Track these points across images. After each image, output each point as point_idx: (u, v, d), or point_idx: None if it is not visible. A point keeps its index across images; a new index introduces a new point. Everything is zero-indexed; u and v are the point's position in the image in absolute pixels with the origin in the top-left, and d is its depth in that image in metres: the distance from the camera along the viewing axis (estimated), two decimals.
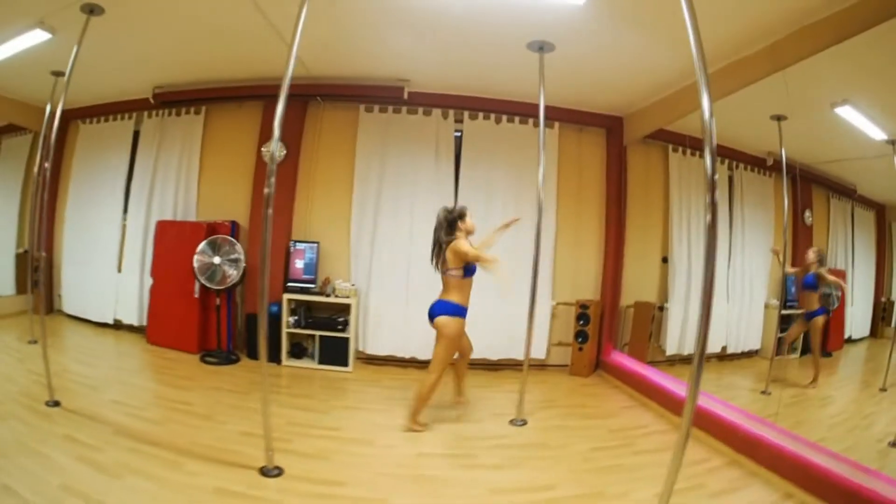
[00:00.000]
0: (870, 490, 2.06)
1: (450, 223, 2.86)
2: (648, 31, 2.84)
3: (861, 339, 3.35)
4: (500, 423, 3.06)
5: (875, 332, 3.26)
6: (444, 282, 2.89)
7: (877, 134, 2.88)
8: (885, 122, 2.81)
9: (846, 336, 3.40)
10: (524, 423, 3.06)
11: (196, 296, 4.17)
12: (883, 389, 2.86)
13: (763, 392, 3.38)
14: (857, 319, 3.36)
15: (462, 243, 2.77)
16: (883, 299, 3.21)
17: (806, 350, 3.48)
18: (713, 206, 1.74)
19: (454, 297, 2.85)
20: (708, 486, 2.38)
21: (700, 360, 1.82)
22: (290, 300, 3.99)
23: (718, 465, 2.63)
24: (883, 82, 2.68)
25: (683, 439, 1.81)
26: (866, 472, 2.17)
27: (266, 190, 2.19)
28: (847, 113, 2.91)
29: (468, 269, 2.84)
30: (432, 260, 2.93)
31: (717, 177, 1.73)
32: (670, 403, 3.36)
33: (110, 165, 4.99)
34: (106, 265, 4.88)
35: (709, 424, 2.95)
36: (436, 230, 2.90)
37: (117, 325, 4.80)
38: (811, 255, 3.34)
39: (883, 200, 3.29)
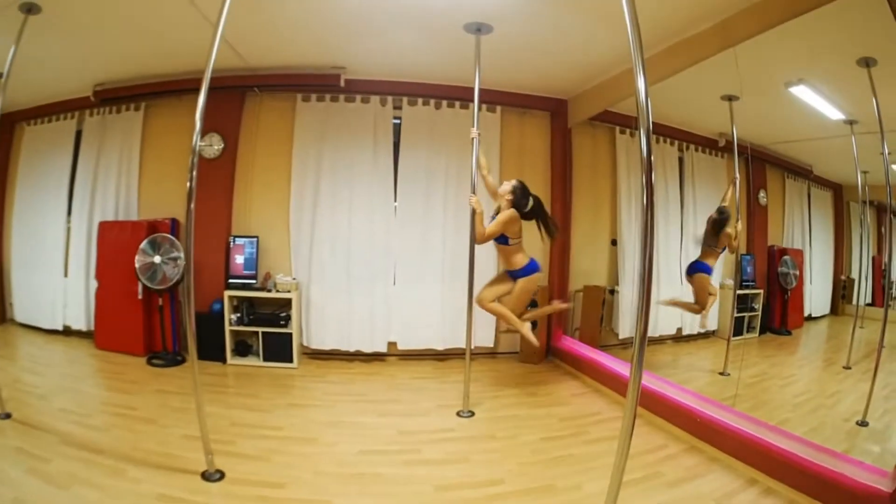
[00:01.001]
0: (837, 473, 1.94)
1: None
2: (590, 10, 2.67)
3: (822, 317, 3.28)
4: (446, 416, 2.91)
5: (836, 309, 3.20)
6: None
7: (833, 114, 2.76)
8: (841, 101, 2.70)
9: (806, 314, 3.32)
10: (471, 414, 2.91)
11: (139, 297, 3.94)
12: (847, 367, 2.77)
13: (721, 373, 3.24)
14: (817, 298, 3.28)
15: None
16: (843, 277, 3.14)
17: (764, 329, 3.39)
18: (649, 188, 1.55)
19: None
20: (665, 475, 2.24)
21: (642, 342, 1.64)
22: (231, 297, 3.77)
23: (676, 451, 2.49)
24: (840, 62, 2.53)
25: (629, 425, 1.66)
26: (832, 454, 2.06)
27: (188, 184, 2.09)
28: (802, 93, 2.78)
29: (499, 239, 2.96)
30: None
31: (653, 157, 1.55)
32: (623, 388, 3.11)
33: (54, 167, 4.71)
34: (52, 270, 4.60)
35: (664, 409, 2.82)
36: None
37: (67, 332, 4.53)
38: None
39: (839, 180, 3.21)
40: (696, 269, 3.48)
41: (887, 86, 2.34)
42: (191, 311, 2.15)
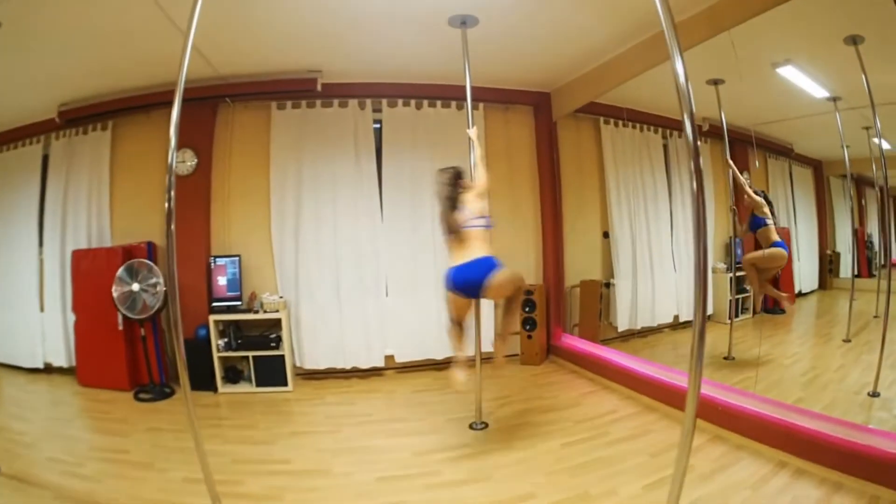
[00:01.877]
0: (864, 446, 1.92)
1: (453, 178, 2.62)
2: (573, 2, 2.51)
3: (811, 293, 3.22)
4: (459, 430, 2.71)
5: (823, 283, 3.15)
6: (468, 238, 2.47)
7: (819, 92, 2.70)
8: (826, 80, 2.65)
9: (796, 290, 3.23)
10: (485, 425, 2.71)
11: (120, 328, 3.63)
12: (847, 340, 2.71)
13: (726, 358, 3.14)
14: (805, 273, 3.21)
15: (479, 179, 2.72)
16: (828, 252, 3.10)
17: (757, 310, 3.25)
18: (698, 174, 1.45)
19: (488, 251, 2.47)
20: (696, 468, 2.10)
21: (700, 342, 1.53)
22: (217, 321, 3.49)
23: (701, 443, 2.36)
24: (826, 40, 2.47)
25: (689, 435, 1.51)
26: (855, 427, 2.02)
27: (166, 204, 1.85)
28: (789, 73, 2.71)
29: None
30: (444, 226, 2.56)
31: (699, 143, 1.46)
32: (634, 382, 3.07)
33: (22, 196, 4.33)
34: (28, 305, 4.25)
35: (680, 401, 2.63)
36: (441, 192, 2.61)
37: (48, 369, 4.19)
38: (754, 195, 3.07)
39: (820, 156, 3.15)
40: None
41: (874, 61, 2.26)
42: (179, 342, 1.87)
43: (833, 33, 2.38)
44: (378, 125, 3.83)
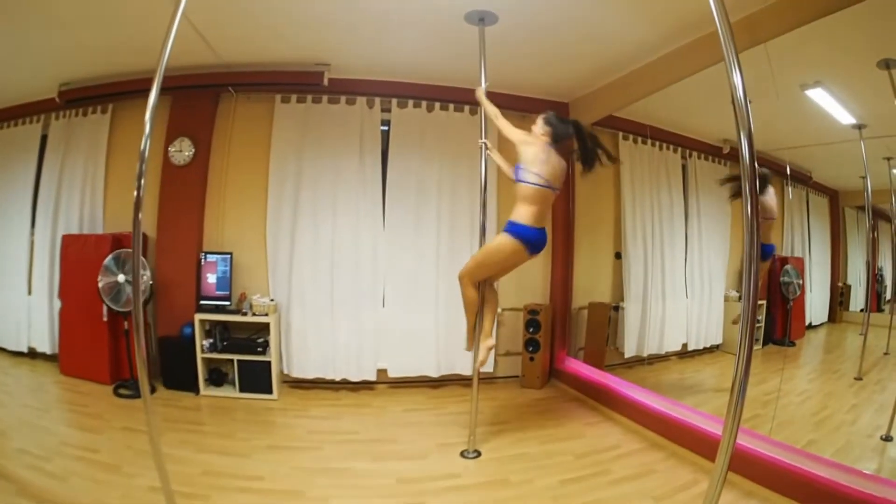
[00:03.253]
0: (880, 498, 1.72)
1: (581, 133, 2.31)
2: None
3: (820, 325, 2.96)
4: (449, 457, 2.43)
5: (833, 317, 2.90)
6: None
7: (845, 118, 2.47)
8: (854, 105, 2.43)
9: (807, 322, 2.97)
10: (477, 454, 2.43)
11: (105, 319, 3.34)
12: (858, 378, 2.49)
13: (732, 386, 2.81)
14: (816, 306, 2.96)
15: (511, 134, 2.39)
16: (840, 284, 2.88)
17: (767, 340, 3.02)
18: (754, 196, 1.24)
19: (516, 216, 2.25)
20: None
21: (740, 394, 1.35)
22: (203, 321, 3.19)
23: (706, 488, 2.02)
24: (858, 64, 2.26)
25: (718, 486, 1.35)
26: (870, 479, 1.83)
27: (134, 193, 1.61)
28: (818, 95, 2.48)
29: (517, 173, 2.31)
30: (547, 170, 2.28)
31: (755, 163, 1.25)
32: (640, 416, 2.78)
33: (18, 175, 4.06)
34: (16, 287, 3.97)
35: (689, 439, 2.45)
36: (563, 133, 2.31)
37: (32, 354, 3.91)
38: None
39: (836, 186, 2.93)
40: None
41: None
42: (140, 341, 1.62)
43: (867, 56, 2.16)
44: (386, 127, 3.51)
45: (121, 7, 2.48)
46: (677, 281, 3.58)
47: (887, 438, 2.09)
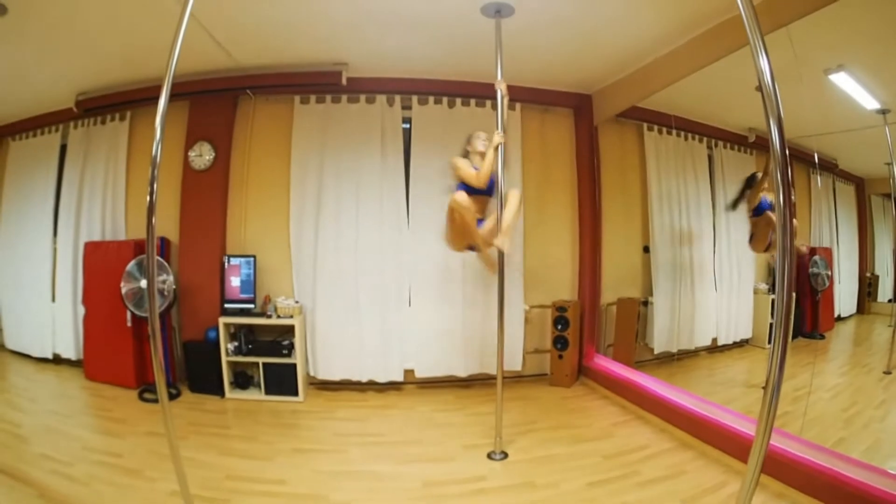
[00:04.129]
0: None
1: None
2: None
3: (849, 317, 2.82)
4: (475, 459, 2.33)
5: (862, 308, 2.77)
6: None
7: (870, 103, 2.35)
8: (877, 89, 2.30)
9: (836, 315, 2.84)
10: (504, 455, 2.33)
11: (129, 325, 3.29)
12: (887, 372, 2.34)
13: (765, 387, 2.69)
14: (844, 297, 2.82)
15: (455, 161, 2.54)
16: (868, 274, 2.75)
17: (797, 333, 2.84)
18: (786, 188, 1.14)
19: None
20: None
21: (773, 399, 1.25)
22: (227, 324, 3.12)
23: (737, 489, 1.91)
24: (882, 46, 2.14)
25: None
26: None
27: (147, 198, 1.56)
28: (842, 80, 2.35)
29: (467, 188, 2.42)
30: None
31: (786, 151, 1.18)
32: (670, 414, 2.66)
33: (39, 183, 4.05)
34: (40, 295, 3.95)
35: (719, 439, 2.33)
36: None
37: (57, 360, 3.88)
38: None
39: (862, 173, 2.78)
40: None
41: None
42: (156, 345, 1.56)
43: (890, 38, 2.05)
44: (407, 124, 3.42)
45: (136, 15, 2.42)
46: (706, 274, 3.43)
47: None
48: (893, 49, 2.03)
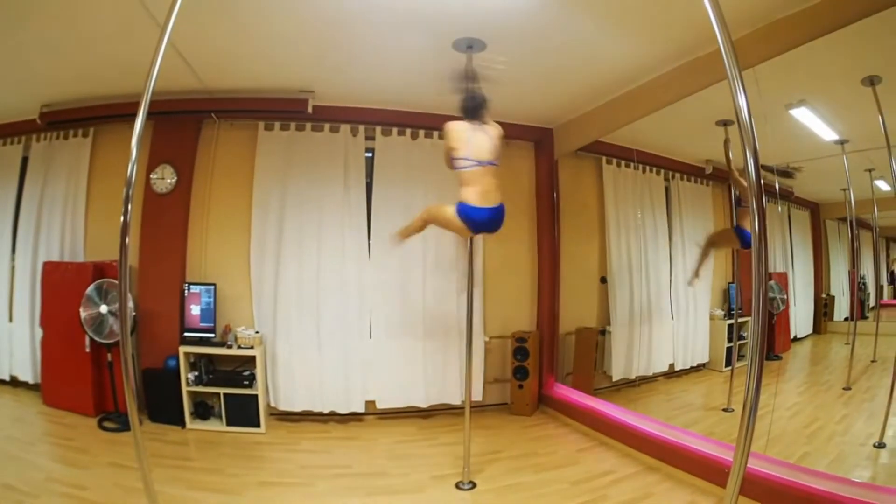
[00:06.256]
0: None
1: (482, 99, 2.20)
2: (601, 20, 2.15)
3: (805, 337, 2.98)
4: (444, 490, 2.30)
5: (818, 328, 2.93)
6: (489, 176, 2.16)
7: (828, 135, 2.51)
8: (837, 122, 2.48)
9: (792, 336, 2.99)
10: (473, 485, 2.31)
11: (87, 350, 3.13)
12: (847, 388, 2.47)
13: (725, 409, 2.87)
14: (801, 318, 2.97)
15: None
16: (823, 295, 2.91)
17: None
18: (761, 215, 1.19)
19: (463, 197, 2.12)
20: None
21: (749, 422, 1.19)
22: (187, 353, 3.01)
23: None
24: (842, 82, 2.27)
25: None
26: (870, 488, 1.78)
27: (122, 218, 1.48)
28: (802, 115, 2.48)
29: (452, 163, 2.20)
30: (465, 146, 2.17)
31: (761, 182, 1.21)
32: (633, 440, 2.69)
33: None
34: None
35: (684, 461, 2.37)
36: (468, 91, 2.21)
37: (14, 383, 3.67)
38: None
39: (817, 199, 2.94)
40: None
41: (892, 102, 2.06)
42: (129, 374, 1.48)
43: (851, 74, 2.15)
44: (370, 154, 3.35)
45: (102, 26, 2.28)
46: (663, 302, 3.49)
47: (880, 445, 2.06)
48: (853, 83, 2.12)
